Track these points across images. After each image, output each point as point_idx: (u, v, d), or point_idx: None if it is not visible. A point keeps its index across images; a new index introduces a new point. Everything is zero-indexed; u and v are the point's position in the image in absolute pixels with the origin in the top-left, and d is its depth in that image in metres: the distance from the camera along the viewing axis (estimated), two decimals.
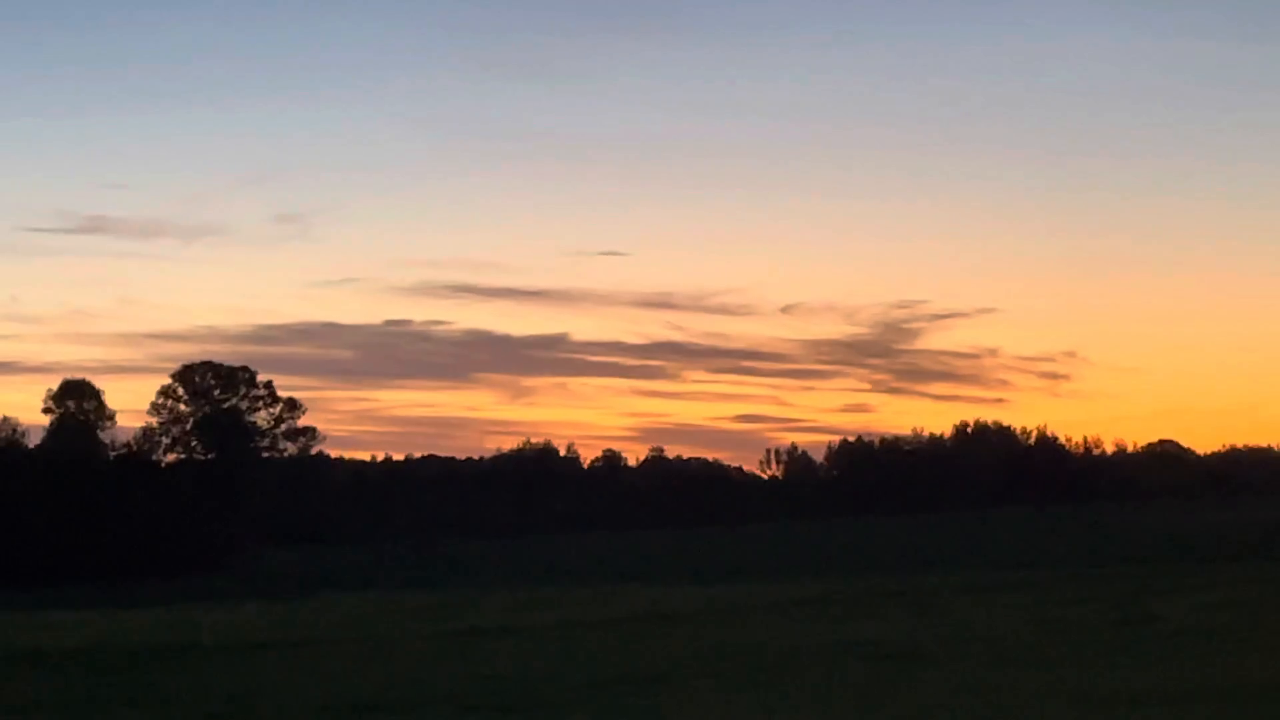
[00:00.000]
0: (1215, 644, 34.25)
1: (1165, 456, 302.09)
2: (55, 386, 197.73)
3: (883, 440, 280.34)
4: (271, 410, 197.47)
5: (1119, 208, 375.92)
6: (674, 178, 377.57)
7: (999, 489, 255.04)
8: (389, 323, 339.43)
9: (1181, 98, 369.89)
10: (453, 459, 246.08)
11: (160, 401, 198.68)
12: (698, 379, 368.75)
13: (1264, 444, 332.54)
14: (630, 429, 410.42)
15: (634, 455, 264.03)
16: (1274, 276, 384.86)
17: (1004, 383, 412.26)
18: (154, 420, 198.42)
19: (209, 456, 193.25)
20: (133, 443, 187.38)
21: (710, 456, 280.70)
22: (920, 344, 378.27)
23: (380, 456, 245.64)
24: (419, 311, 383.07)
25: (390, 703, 30.16)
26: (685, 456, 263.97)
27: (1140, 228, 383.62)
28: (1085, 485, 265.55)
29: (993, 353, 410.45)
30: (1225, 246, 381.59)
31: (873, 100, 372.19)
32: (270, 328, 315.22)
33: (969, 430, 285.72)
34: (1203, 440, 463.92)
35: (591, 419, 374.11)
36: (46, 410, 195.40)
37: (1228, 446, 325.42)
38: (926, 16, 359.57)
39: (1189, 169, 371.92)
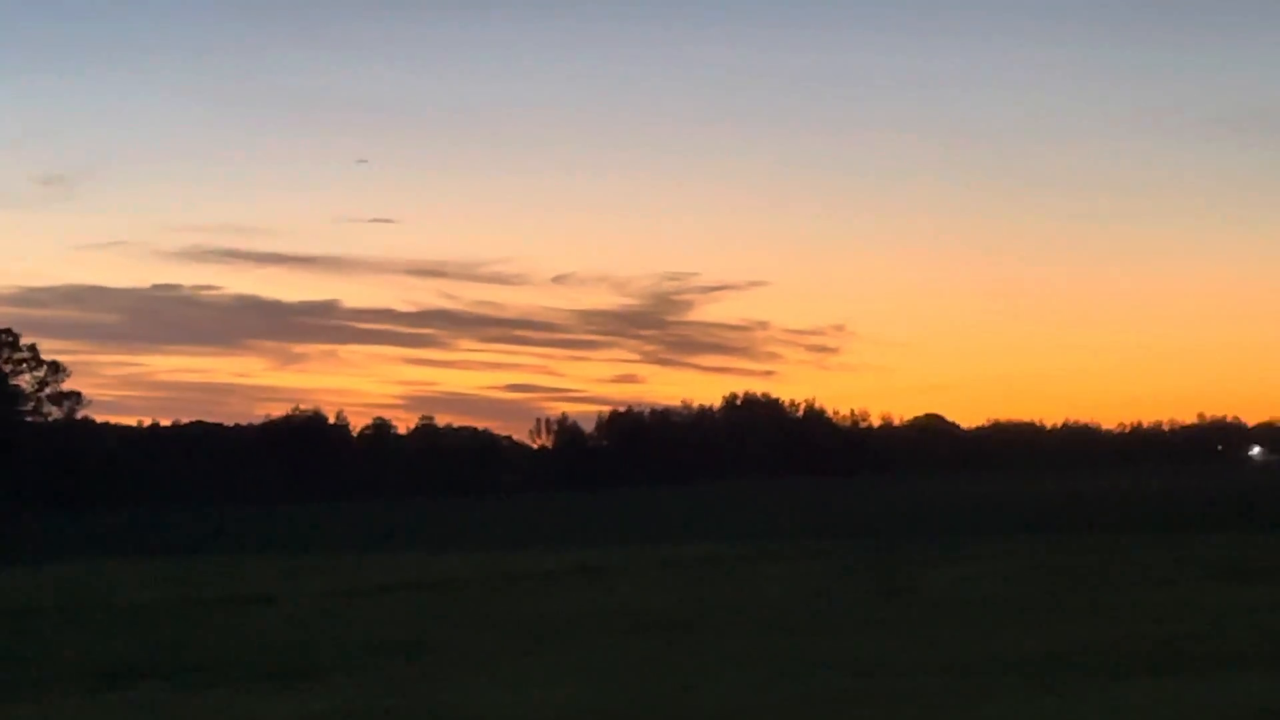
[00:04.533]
0: (976, 616, 34.91)
1: (930, 430, 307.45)
2: None
3: (653, 411, 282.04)
4: (35, 374, 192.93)
5: (887, 185, 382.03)
6: (447, 146, 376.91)
7: (768, 460, 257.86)
8: (157, 287, 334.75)
9: (944, 80, 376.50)
10: (221, 425, 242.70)
11: None
12: (469, 348, 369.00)
13: (1027, 419, 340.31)
14: (401, 397, 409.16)
15: (404, 423, 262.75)
16: (1036, 255, 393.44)
17: (774, 355, 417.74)
18: None
19: None
20: None
21: (480, 426, 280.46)
22: (691, 316, 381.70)
23: (148, 422, 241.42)
24: (188, 276, 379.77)
25: (152, 667, 29.72)
26: (455, 425, 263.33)
27: (906, 205, 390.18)
28: (852, 457, 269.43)
29: (763, 325, 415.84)
30: (988, 225, 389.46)
31: (646, 76, 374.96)
32: (35, 290, 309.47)
33: (738, 402, 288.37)
34: (967, 414, 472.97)
35: (362, 386, 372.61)
36: None
37: (991, 421, 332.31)
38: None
39: (951, 148, 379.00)
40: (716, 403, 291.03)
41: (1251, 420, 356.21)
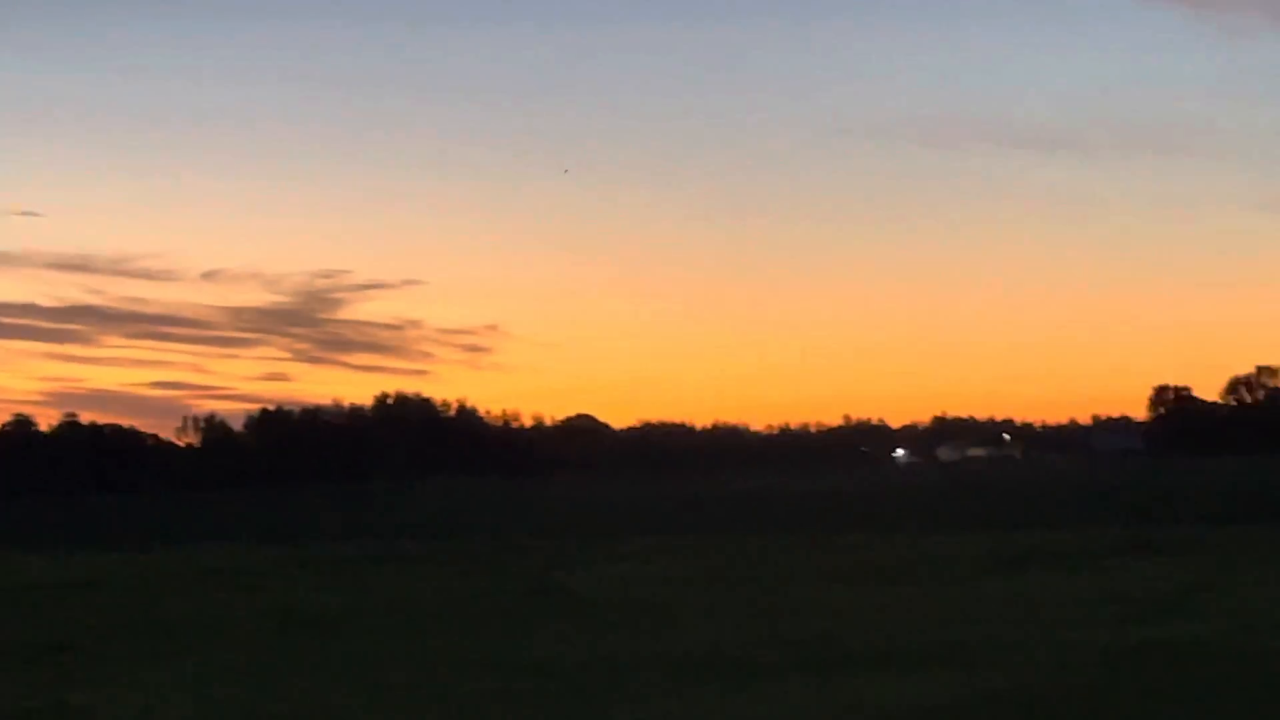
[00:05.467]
0: (626, 616, 35.17)
1: (581, 430, 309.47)
2: None
3: (303, 410, 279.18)
4: None
5: (542, 187, 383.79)
6: (94, 140, 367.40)
7: (419, 460, 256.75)
8: None
9: (582, 81, 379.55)
10: None
11: None
12: (116, 344, 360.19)
13: (677, 420, 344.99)
14: (43, 394, 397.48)
15: (46, 420, 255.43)
16: (690, 259, 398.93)
17: (427, 354, 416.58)
18: None
19: None
20: None
21: (126, 423, 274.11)
22: (343, 314, 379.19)
23: None
24: None
25: None
26: (100, 423, 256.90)
27: (559, 207, 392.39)
28: (504, 457, 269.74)
29: (416, 324, 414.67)
30: (639, 228, 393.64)
31: (298, 74, 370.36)
32: None
33: (390, 401, 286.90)
34: (618, 415, 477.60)
35: (1, 382, 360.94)
36: None
37: (642, 422, 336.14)
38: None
39: (602, 152, 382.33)
40: (368, 401, 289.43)
41: (895, 423, 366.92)
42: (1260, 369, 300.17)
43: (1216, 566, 43.17)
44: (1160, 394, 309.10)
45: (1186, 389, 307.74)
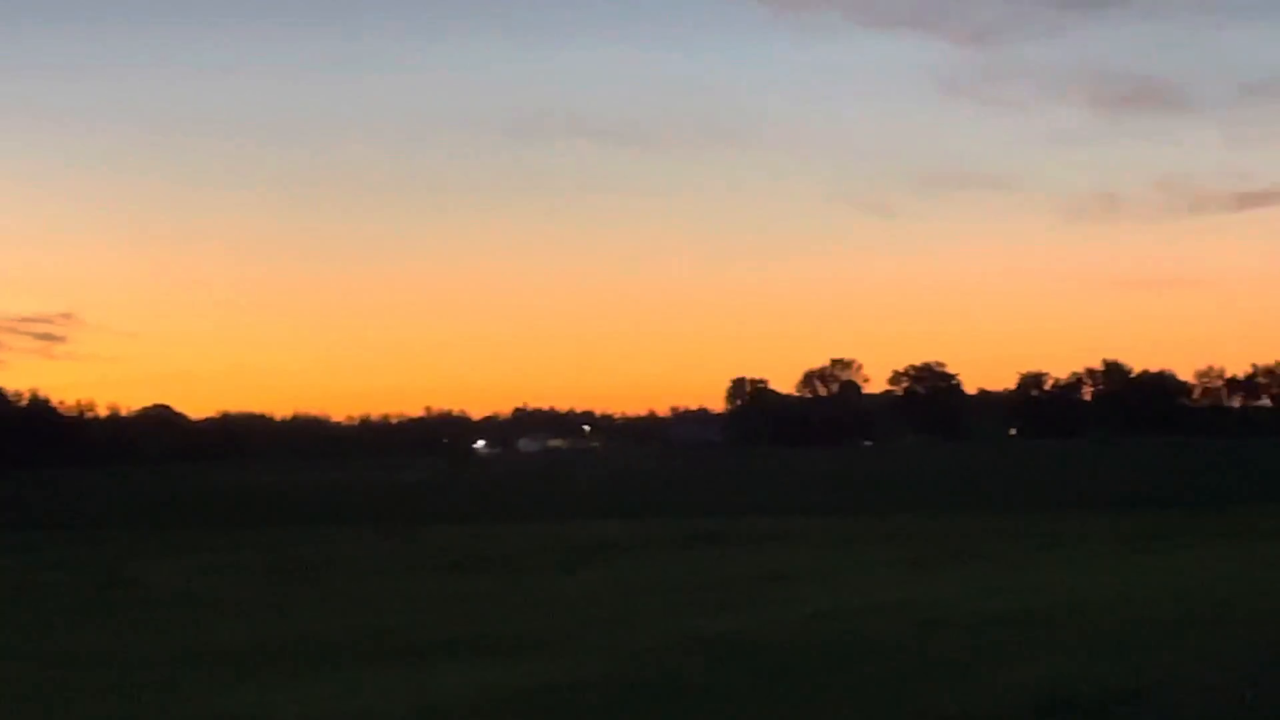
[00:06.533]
0: (199, 608, 34.38)
1: (158, 420, 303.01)
2: None
3: None
4: None
5: (118, 174, 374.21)
6: None
7: None
8: None
9: (188, 71, 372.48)
10: None
11: None
12: None
13: (257, 410, 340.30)
14: None
15: None
16: (266, 248, 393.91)
17: None
18: None
19: None
20: None
21: None
22: None
23: None
24: None
25: None
26: None
27: (137, 195, 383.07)
28: (78, 448, 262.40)
29: None
30: (219, 219, 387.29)
31: None
32: None
33: None
34: (198, 405, 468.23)
35: None
36: None
37: (221, 412, 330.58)
38: None
39: (185, 140, 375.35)
40: None
41: (477, 414, 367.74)
42: (834, 361, 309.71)
43: (792, 556, 44.07)
44: (737, 386, 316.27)
45: (763, 381, 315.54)
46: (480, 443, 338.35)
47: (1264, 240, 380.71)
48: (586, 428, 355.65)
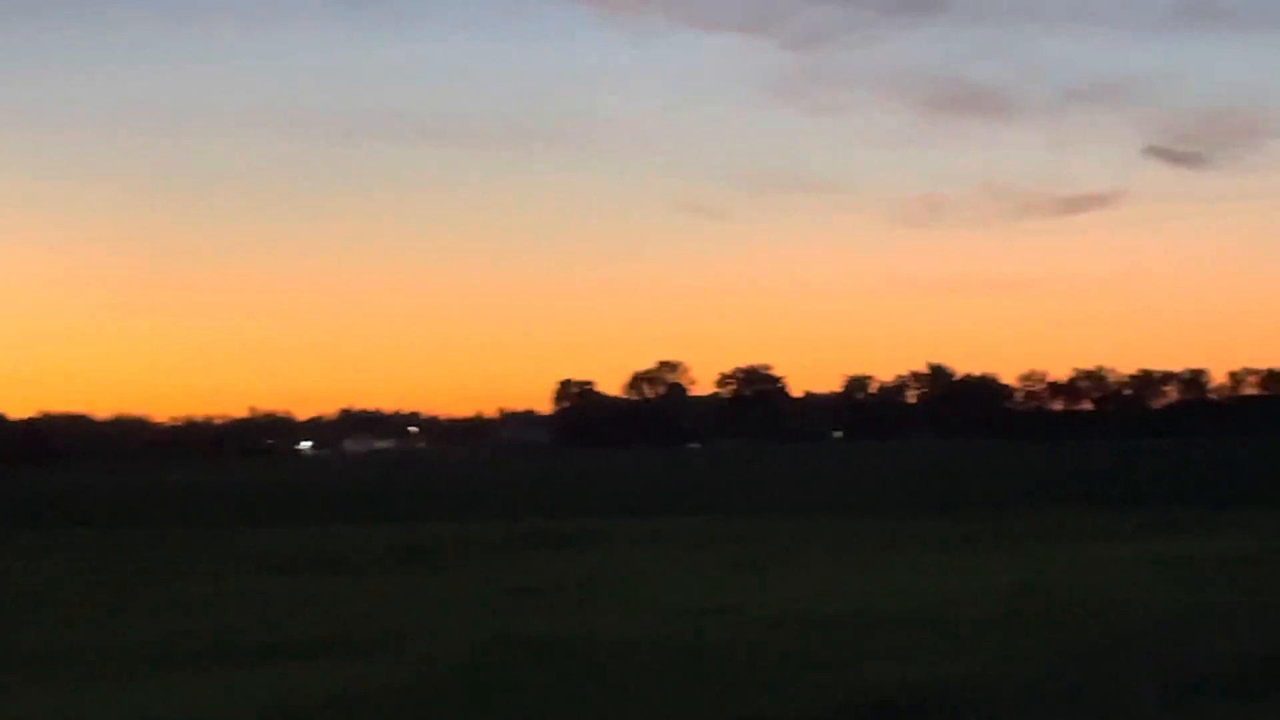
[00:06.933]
0: (23, 611, 33.56)
1: None
2: None
3: None
4: None
5: None
6: None
7: None
8: None
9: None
10: None
11: None
12: None
13: (77, 410, 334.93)
14: None
15: None
16: (101, 243, 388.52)
17: None
18: None
19: None
20: None
21: None
22: None
23: None
24: None
25: None
26: None
27: None
28: None
29: None
30: (49, 214, 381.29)
31: None
32: None
33: None
34: (17, 405, 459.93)
35: None
36: None
37: (41, 412, 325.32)
38: None
39: (31, 135, 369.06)
40: None
41: (302, 415, 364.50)
42: (661, 364, 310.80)
43: (617, 558, 43.80)
44: (564, 388, 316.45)
45: (590, 383, 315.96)
46: (306, 444, 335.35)
47: (1087, 245, 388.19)
48: (413, 429, 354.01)
